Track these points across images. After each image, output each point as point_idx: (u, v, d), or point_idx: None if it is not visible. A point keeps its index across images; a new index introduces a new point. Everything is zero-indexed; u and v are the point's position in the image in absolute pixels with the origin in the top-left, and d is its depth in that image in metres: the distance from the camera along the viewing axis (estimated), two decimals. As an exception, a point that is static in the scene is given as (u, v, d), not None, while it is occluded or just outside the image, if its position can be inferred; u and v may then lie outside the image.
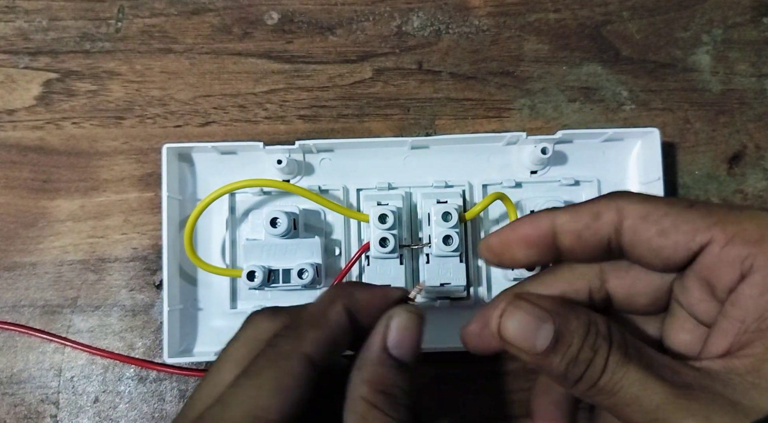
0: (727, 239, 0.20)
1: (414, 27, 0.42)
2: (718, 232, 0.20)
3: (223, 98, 0.41)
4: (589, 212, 0.22)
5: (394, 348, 0.23)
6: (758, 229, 0.20)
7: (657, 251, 0.22)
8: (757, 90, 0.42)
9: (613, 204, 0.22)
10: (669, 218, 0.21)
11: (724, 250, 0.20)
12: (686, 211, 0.21)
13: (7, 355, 0.39)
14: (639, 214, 0.22)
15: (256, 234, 0.38)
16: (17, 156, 0.41)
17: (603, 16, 0.42)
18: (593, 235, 0.22)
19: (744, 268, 0.20)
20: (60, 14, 0.42)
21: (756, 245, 0.20)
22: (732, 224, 0.20)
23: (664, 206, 0.22)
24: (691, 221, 0.21)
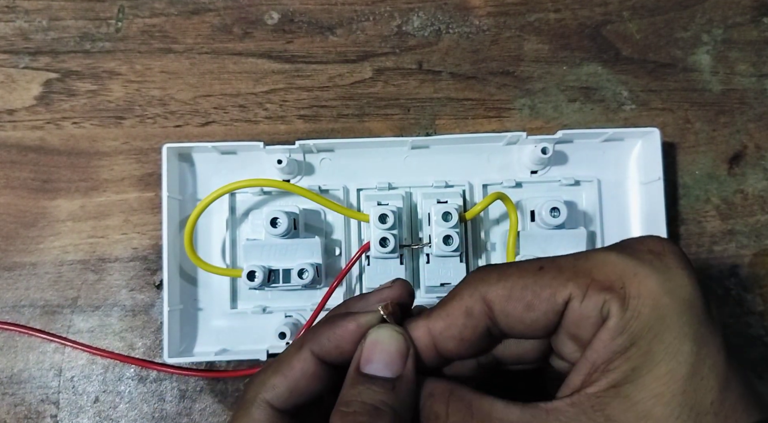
0: (583, 293, 0.21)
1: (414, 27, 0.42)
2: (573, 288, 0.21)
3: (223, 98, 0.41)
4: (460, 312, 0.23)
5: (364, 365, 0.23)
6: (607, 275, 0.21)
7: (531, 325, 0.22)
8: (758, 90, 0.42)
9: (477, 294, 0.22)
10: (528, 290, 0.22)
11: (583, 304, 0.21)
12: (539, 276, 0.22)
13: (7, 355, 0.39)
14: (502, 296, 0.22)
15: (256, 234, 0.38)
16: (17, 156, 0.41)
17: (603, 16, 0.42)
18: (472, 333, 0.23)
19: (603, 315, 0.21)
20: (60, 14, 0.42)
21: (608, 291, 0.21)
22: (583, 276, 0.21)
23: (519, 279, 0.22)
24: (547, 285, 0.22)
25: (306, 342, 0.24)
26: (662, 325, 0.20)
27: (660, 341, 0.20)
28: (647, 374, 0.20)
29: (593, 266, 0.21)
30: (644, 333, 0.20)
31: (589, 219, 0.39)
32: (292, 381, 0.23)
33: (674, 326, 0.20)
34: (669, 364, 0.20)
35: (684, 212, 0.41)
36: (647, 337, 0.20)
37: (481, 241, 0.39)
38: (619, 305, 0.20)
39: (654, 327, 0.20)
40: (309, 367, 0.24)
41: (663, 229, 0.37)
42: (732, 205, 0.41)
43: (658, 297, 0.20)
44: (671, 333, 0.20)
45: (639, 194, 0.39)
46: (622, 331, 0.20)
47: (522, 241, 0.37)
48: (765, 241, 0.41)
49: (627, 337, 0.20)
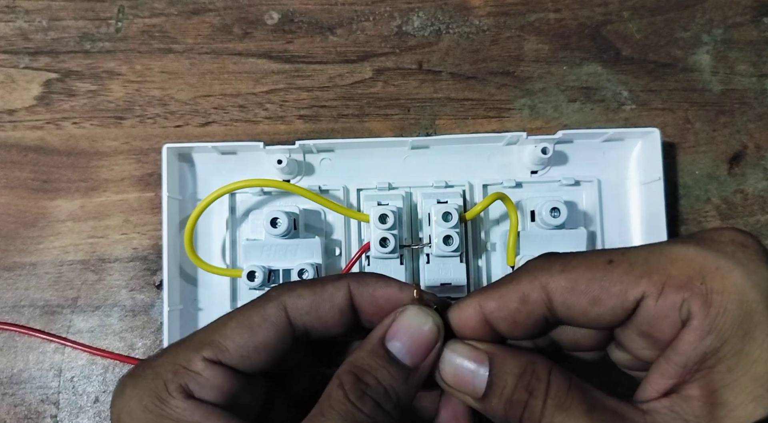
0: (658, 291, 0.20)
1: (414, 27, 0.42)
2: (647, 286, 0.20)
3: (223, 98, 0.41)
4: (515, 297, 0.22)
5: (390, 339, 0.22)
6: (684, 271, 0.20)
7: (595, 319, 0.21)
8: (758, 90, 0.42)
9: (537, 282, 0.21)
10: (595, 284, 0.21)
11: (659, 303, 0.20)
12: (608, 270, 0.21)
13: (7, 355, 0.39)
14: (565, 288, 0.21)
15: (256, 234, 0.38)
16: (17, 156, 0.40)
17: (603, 16, 0.42)
18: (527, 318, 0.22)
19: (683, 314, 0.20)
20: (60, 14, 0.42)
21: (687, 289, 0.19)
22: (658, 273, 0.20)
23: (586, 271, 0.21)
24: (618, 281, 0.20)
25: (348, 279, 0.23)
26: (752, 321, 0.19)
27: (752, 339, 0.19)
28: (743, 376, 0.19)
29: (669, 261, 0.20)
30: (734, 331, 0.19)
31: (589, 219, 0.39)
32: (317, 300, 0.22)
33: (765, 323, 0.19)
34: (765, 365, 0.18)
35: (684, 212, 0.41)
36: (738, 335, 0.19)
37: (481, 241, 0.39)
38: (702, 303, 0.19)
39: (744, 324, 0.19)
40: (340, 299, 0.23)
41: (663, 229, 0.37)
42: (732, 205, 0.41)
43: (745, 291, 0.19)
44: (763, 329, 0.19)
45: (639, 194, 0.39)
46: (710, 330, 0.19)
47: (522, 241, 0.37)
48: (765, 241, 0.41)
49: (716, 336, 0.19)
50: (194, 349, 0.22)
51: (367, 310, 0.23)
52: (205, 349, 0.21)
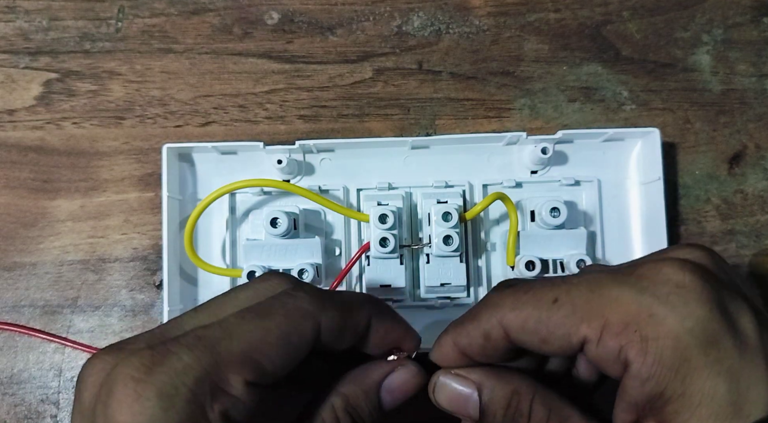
0: (597, 337, 0.20)
1: (414, 27, 0.42)
2: (587, 331, 0.21)
3: (223, 98, 0.41)
4: (478, 334, 0.23)
5: (385, 389, 0.24)
6: (620, 317, 0.20)
7: (550, 354, 0.23)
8: (758, 90, 0.42)
9: (494, 319, 0.23)
10: (542, 325, 0.21)
11: (599, 348, 0.20)
12: (554, 311, 0.21)
13: (7, 355, 0.39)
14: (517, 326, 0.22)
15: (256, 234, 0.38)
16: (17, 156, 0.41)
17: (603, 16, 0.42)
18: (496, 351, 0.23)
19: (621, 360, 0.20)
20: (60, 14, 0.42)
21: (623, 336, 0.20)
22: (596, 318, 0.20)
23: (533, 311, 0.22)
24: (561, 324, 0.21)
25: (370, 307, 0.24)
26: (689, 366, 0.19)
27: (692, 384, 0.19)
28: (691, 418, 0.19)
29: (607, 305, 0.20)
30: (673, 376, 0.19)
31: (589, 219, 0.39)
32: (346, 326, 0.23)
33: (702, 367, 0.19)
34: (709, 407, 0.19)
35: (684, 212, 0.41)
36: (677, 380, 0.19)
37: (481, 241, 0.39)
38: (638, 350, 0.19)
39: (681, 369, 0.19)
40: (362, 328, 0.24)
41: (663, 229, 0.37)
42: (732, 205, 0.41)
43: (679, 337, 0.19)
44: (701, 374, 0.19)
45: (639, 194, 0.39)
46: (648, 377, 0.19)
47: (522, 241, 0.37)
48: (765, 241, 0.41)
49: (655, 383, 0.19)
50: (234, 369, 0.19)
51: (376, 341, 0.24)
52: (247, 369, 0.19)
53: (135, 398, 0.18)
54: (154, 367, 0.18)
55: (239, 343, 0.20)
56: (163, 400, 0.18)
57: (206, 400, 0.18)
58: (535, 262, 0.36)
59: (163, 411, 0.18)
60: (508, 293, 0.23)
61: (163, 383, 0.18)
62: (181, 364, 0.18)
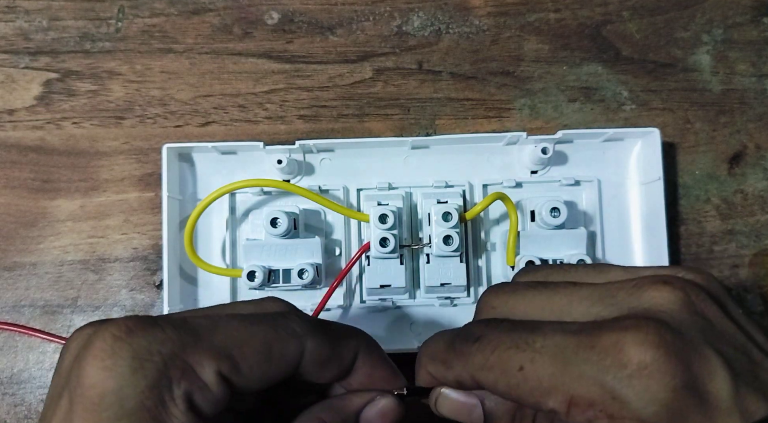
0: (565, 410, 0.20)
1: (414, 27, 0.42)
2: (555, 404, 0.20)
3: (223, 98, 0.41)
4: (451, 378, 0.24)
5: (364, 419, 0.24)
6: (585, 394, 0.20)
7: None
8: (758, 90, 0.42)
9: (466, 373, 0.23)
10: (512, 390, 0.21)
11: (569, 420, 0.20)
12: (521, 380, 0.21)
13: (7, 355, 0.39)
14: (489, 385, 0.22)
15: (256, 234, 0.38)
16: (17, 156, 0.41)
17: (603, 16, 0.42)
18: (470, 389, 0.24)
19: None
20: (60, 14, 0.42)
21: (590, 412, 0.20)
22: (562, 393, 0.20)
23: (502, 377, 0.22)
24: (529, 394, 0.21)
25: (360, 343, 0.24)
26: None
27: None
28: None
29: (570, 382, 0.20)
30: None
31: (589, 219, 0.39)
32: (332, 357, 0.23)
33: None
34: None
35: (684, 212, 0.41)
36: None
37: (481, 241, 0.39)
38: None
39: None
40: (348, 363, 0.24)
41: (663, 229, 0.37)
42: (732, 205, 0.41)
43: (645, 420, 0.19)
44: None
45: (639, 194, 0.39)
46: None
47: (522, 241, 0.37)
48: (765, 241, 0.41)
49: None
50: (210, 355, 0.20)
51: (355, 377, 0.24)
52: (222, 362, 0.20)
53: (109, 354, 0.18)
54: (136, 330, 0.19)
55: (221, 336, 0.20)
56: (135, 361, 0.18)
57: (176, 374, 0.19)
58: (535, 262, 0.36)
59: (131, 372, 0.18)
60: (475, 349, 0.22)
61: (140, 346, 0.18)
62: (161, 335, 0.19)
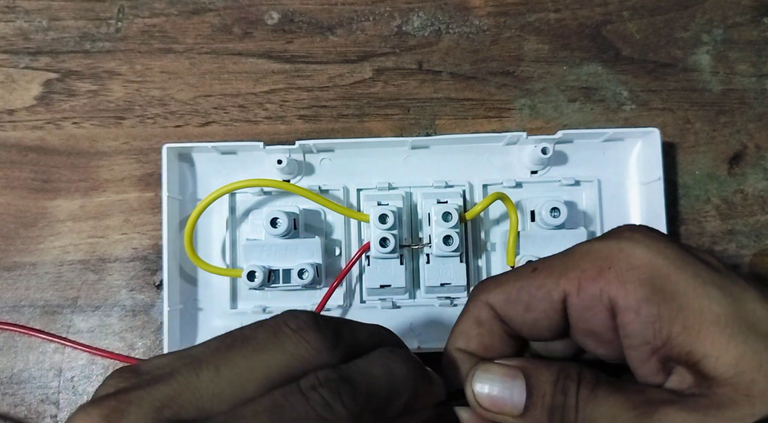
0: (576, 287, 0.21)
1: (414, 27, 0.42)
2: (566, 284, 0.21)
3: (223, 98, 0.41)
4: (470, 323, 0.24)
5: None
6: (593, 263, 0.21)
7: (535, 325, 0.23)
8: (758, 90, 0.42)
9: (480, 302, 0.23)
10: (524, 291, 0.22)
11: (580, 297, 0.21)
12: (533, 277, 0.22)
13: (7, 355, 0.39)
14: (502, 300, 0.23)
15: (256, 234, 0.38)
16: (17, 156, 0.41)
17: (603, 16, 0.42)
18: (491, 338, 0.24)
19: (605, 303, 0.21)
20: (60, 14, 0.42)
21: (600, 278, 0.21)
22: (572, 270, 0.21)
23: (515, 282, 0.23)
24: (541, 285, 0.22)
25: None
26: (671, 282, 0.20)
27: (683, 297, 0.19)
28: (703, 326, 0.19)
29: (579, 258, 0.22)
30: (661, 297, 0.20)
31: (589, 219, 0.39)
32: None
33: (686, 280, 0.20)
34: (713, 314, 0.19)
35: (684, 212, 0.41)
36: (668, 299, 0.20)
37: (481, 241, 0.39)
38: (617, 285, 0.20)
39: (666, 288, 0.20)
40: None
41: (663, 229, 0.37)
42: (732, 205, 0.41)
43: (651, 262, 0.20)
44: (688, 286, 0.20)
45: (639, 194, 0.39)
46: (638, 305, 0.20)
47: (522, 241, 0.37)
48: (765, 241, 0.41)
49: (647, 308, 0.20)
50: None
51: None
52: None
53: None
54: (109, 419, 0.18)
55: None
56: None
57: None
58: (535, 262, 0.36)
59: None
60: (491, 279, 0.24)
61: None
62: None
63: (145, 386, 0.18)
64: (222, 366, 0.19)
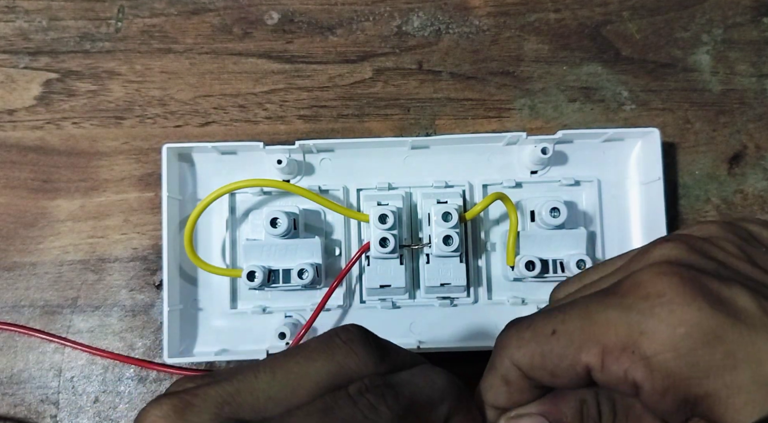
0: (599, 364, 0.20)
1: (414, 27, 0.42)
2: (588, 359, 0.20)
3: (223, 98, 0.41)
4: (499, 382, 0.23)
5: None
6: (615, 341, 0.20)
7: (565, 386, 0.22)
8: (757, 90, 0.42)
9: (507, 361, 0.22)
10: (547, 359, 0.21)
11: (604, 374, 0.20)
12: (554, 343, 0.21)
13: (7, 355, 0.39)
14: (527, 364, 0.22)
15: (256, 234, 0.38)
16: (17, 156, 0.41)
17: (603, 16, 0.42)
18: (520, 393, 0.23)
19: (630, 381, 0.20)
20: (60, 14, 0.42)
21: (624, 360, 0.20)
22: (594, 346, 0.20)
23: (536, 347, 0.22)
24: (564, 355, 0.21)
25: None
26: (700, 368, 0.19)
27: (713, 382, 0.19)
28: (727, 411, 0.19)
29: (599, 331, 0.20)
30: (688, 383, 0.19)
31: (589, 219, 0.39)
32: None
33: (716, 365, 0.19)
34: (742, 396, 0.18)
35: (684, 212, 0.41)
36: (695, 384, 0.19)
37: (481, 241, 0.39)
38: (642, 370, 0.19)
39: (694, 373, 0.19)
40: None
41: (663, 230, 0.37)
42: (732, 205, 0.41)
43: (677, 346, 0.19)
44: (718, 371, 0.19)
45: (639, 194, 0.39)
46: (664, 391, 0.19)
47: (522, 241, 0.37)
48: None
49: (673, 394, 0.19)
50: None
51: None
52: None
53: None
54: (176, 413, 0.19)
55: None
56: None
57: None
58: (535, 262, 0.36)
59: None
60: (512, 332, 0.23)
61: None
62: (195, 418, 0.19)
63: (210, 384, 0.20)
64: (278, 370, 0.20)
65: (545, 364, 0.21)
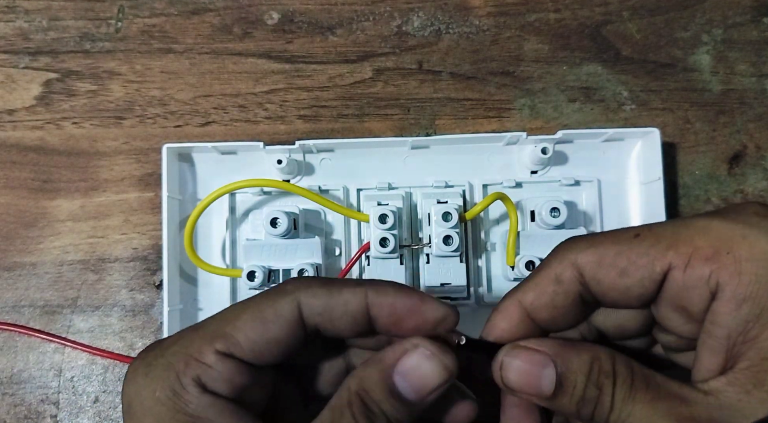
0: (684, 262, 0.20)
1: (414, 27, 0.42)
2: (674, 257, 0.20)
3: (223, 98, 0.41)
4: (549, 279, 0.22)
5: (398, 374, 0.22)
6: (711, 243, 0.20)
7: (625, 292, 0.21)
8: (757, 90, 0.42)
9: (566, 261, 0.22)
10: (622, 257, 0.21)
11: (686, 274, 0.20)
12: (635, 243, 0.21)
13: (7, 355, 0.39)
14: (593, 262, 0.21)
15: (256, 234, 0.38)
16: (17, 156, 0.41)
17: (603, 16, 0.42)
18: (564, 299, 0.22)
19: (711, 286, 0.20)
20: (60, 14, 0.42)
21: (714, 261, 0.20)
22: (684, 245, 0.20)
23: (612, 245, 0.21)
24: (644, 253, 0.21)
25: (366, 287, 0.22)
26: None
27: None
28: None
29: (695, 233, 0.20)
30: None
31: (589, 219, 0.39)
32: (333, 305, 0.22)
33: None
34: None
35: (684, 212, 0.41)
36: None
37: (481, 241, 0.39)
38: (731, 272, 0.19)
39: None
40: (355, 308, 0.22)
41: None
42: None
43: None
44: None
45: (639, 194, 0.39)
46: (744, 298, 0.19)
47: (522, 241, 0.37)
48: (765, 241, 0.41)
49: (752, 303, 0.19)
50: (207, 340, 0.21)
51: (384, 321, 0.23)
52: (217, 341, 0.21)
53: (131, 372, 0.22)
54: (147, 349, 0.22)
55: (216, 321, 0.22)
56: (145, 369, 0.21)
57: (180, 366, 0.21)
58: (535, 262, 0.36)
59: (144, 378, 0.21)
60: (581, 237, 0.22)
61: (149, 358, 0.22)
62: (165, 343, 0.22)
63: None
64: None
65: (618, 262, 0.21)
